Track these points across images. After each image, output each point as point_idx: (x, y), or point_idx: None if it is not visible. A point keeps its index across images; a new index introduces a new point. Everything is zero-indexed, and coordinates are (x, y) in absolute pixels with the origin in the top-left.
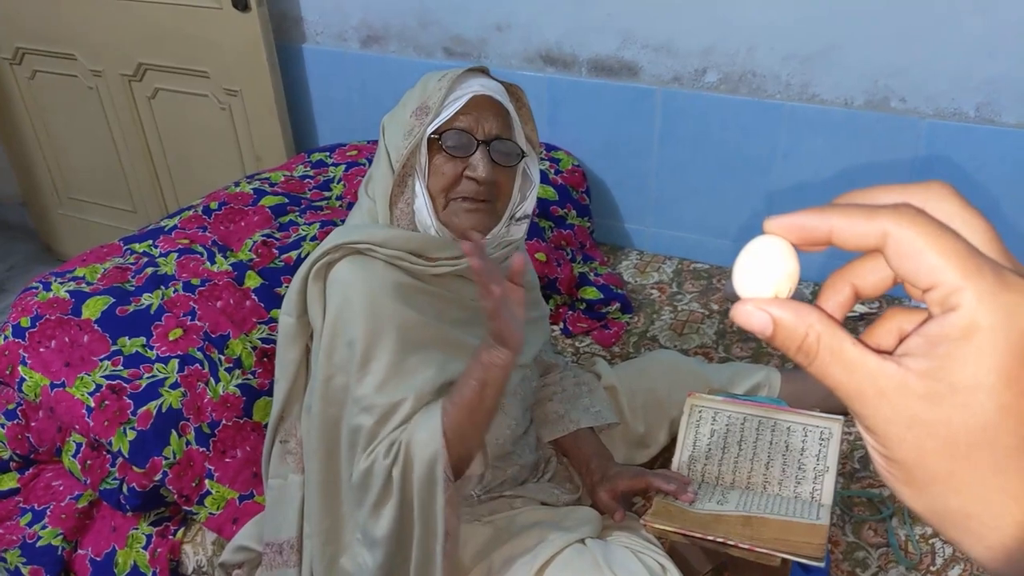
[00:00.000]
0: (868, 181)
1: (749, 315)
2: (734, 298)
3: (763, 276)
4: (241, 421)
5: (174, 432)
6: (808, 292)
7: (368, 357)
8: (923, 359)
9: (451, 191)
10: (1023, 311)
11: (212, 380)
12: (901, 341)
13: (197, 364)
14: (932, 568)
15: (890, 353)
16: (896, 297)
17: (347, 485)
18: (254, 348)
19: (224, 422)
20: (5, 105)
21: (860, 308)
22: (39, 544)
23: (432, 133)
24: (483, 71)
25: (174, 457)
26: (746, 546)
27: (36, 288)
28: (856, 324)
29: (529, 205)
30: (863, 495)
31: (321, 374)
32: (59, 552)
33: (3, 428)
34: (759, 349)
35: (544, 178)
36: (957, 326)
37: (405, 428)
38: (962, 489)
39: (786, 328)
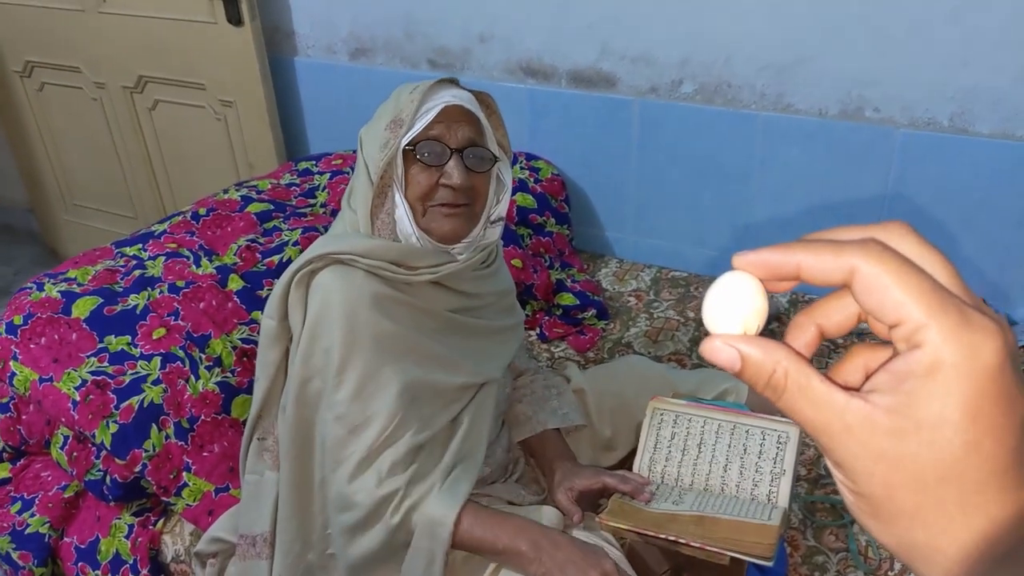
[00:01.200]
0: (843, 191)
1: (717, 351)
2: None
3: (732, 312)
4: (219, 417)
5: (154, 426)
6: (785, 301)
7: (344, 365)
8: (889, 395)
9: (428, 199)
10: (986, 349)
11: (192, 377)
12: (868, 377)
13: (179, 362)
14: (890, 573)
15: (857, 389)
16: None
17: (318, 485)
18: (234, 348)
19: (203, 418)
20: (15, 115)
21: None
22: (27, 531)
23: (407, 145)
24: (453, 82)
25: (154, 450)
26: (697, 544)
27: (30, 288)
28: None
29: (503, 208)
30: (826, 501)
31: (297, 377)
32: (46, 539)
33: None
34: None
35: (524, 186)
36: (922, 363)
37: (404, 476)
38: (928, 523)
39: (754, 364)
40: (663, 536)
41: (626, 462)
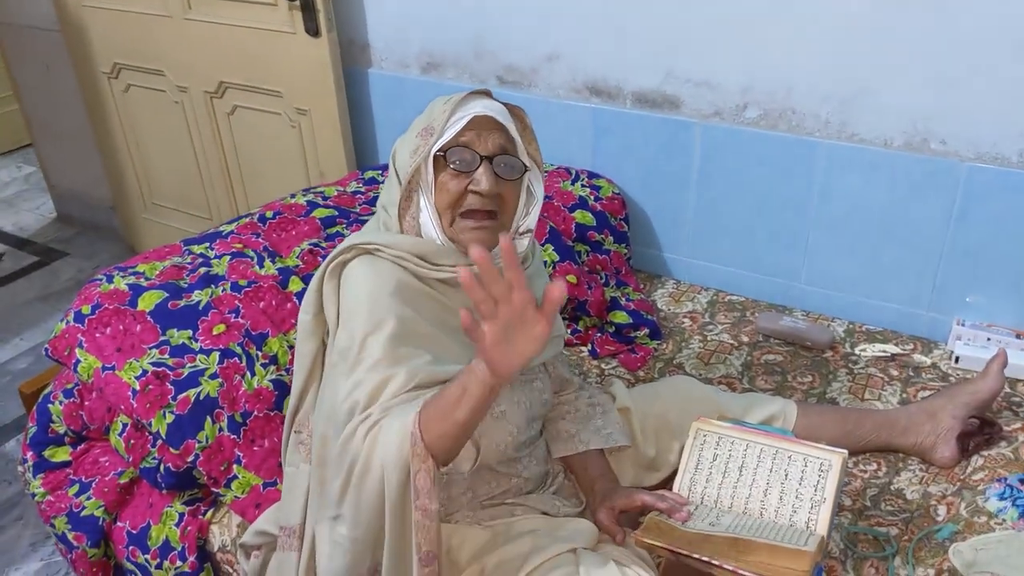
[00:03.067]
0: (904, 222)
1: None
2: (767, 332)
3: None
4: (271, 413)
5: (209, 419)
6: (842, 331)
7: (365, 344)
8: None
9: (457, 206)
10: None
11: (248, 374)
12: None
13: (236, 358)
14: None
15: None
16: (927, 339)
17: None
18: (290, 347)
19: (256, 413)
20: (102, 115)
21: (892, 349)
22: (83, 514)
23: (437, 151)
24: (486, 93)
25: (207, 441)
26: (730, 567)
27: (100, 280)
28: (887, 364)
29: (532, 220)
30: (869, 532)
31: (328, 363)
32: (100, 522)
33: (61, 405)
34: (783, 383)
35: (584, 203)
36: None
37: (388, 410)
38: None
39: None
40: (696, 556)
41: (669, 482)
